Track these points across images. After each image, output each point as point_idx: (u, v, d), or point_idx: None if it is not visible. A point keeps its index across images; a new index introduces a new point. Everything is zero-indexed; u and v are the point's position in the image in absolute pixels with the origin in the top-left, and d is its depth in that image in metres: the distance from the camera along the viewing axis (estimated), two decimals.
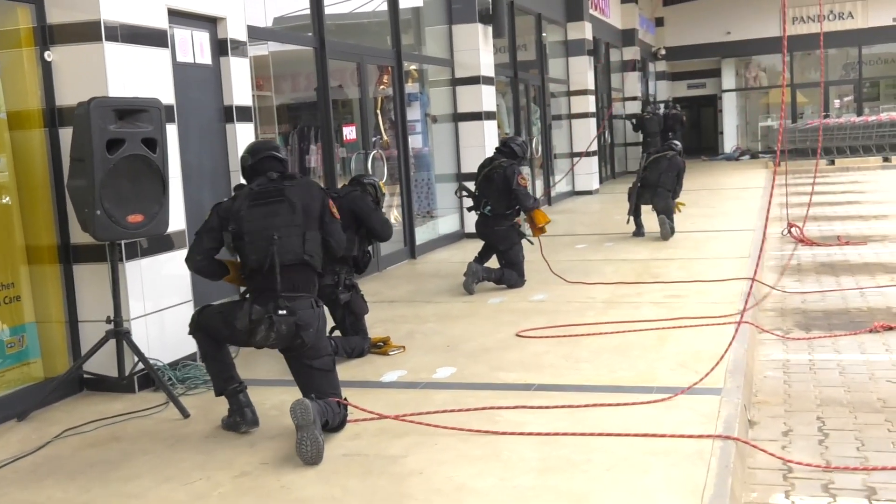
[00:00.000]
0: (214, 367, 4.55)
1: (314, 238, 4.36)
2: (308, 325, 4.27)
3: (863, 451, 4.16)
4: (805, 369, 5.52)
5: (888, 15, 26.63)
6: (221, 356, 4.55)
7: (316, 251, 4.37)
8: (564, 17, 17.46)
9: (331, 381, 4.42)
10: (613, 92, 21.86)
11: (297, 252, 4.28)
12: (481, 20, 11.74)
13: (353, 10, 10.27)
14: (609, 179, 21.01)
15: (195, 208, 5.93)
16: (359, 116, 9.53)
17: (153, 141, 4.92)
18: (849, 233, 11.12)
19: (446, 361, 5.62)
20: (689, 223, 11.60)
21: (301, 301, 4.29)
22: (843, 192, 16.53)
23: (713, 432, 4.06)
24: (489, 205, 7.89)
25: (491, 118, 12.08)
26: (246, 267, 4.35)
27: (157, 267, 5.47)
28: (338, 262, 5.63)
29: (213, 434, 4.53)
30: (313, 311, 4.34)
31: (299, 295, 4.29)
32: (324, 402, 4.20)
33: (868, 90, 28.69)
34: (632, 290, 7.55)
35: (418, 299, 7.77)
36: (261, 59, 7.74)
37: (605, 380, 5.04)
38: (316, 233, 4.38)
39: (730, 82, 29.34)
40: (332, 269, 5.60)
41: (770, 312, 6.98)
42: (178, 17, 5.81)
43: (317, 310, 4.38)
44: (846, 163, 22.55)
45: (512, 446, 4.07)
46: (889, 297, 7.35)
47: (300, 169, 9.04)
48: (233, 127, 6.32)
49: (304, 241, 4.29)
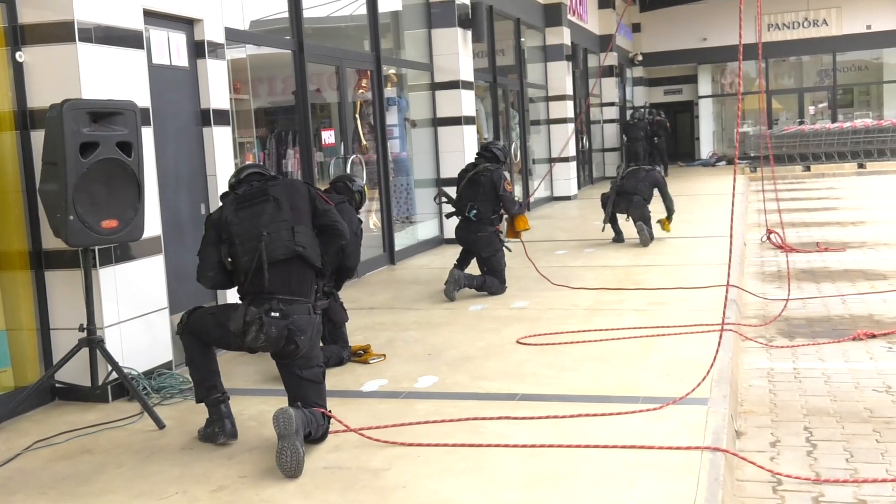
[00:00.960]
0: (198, 374, 4.42)
1: (305, 231, 4.28)
2: (301, 331, 4.18)
3: (852, 462, 4.11)
4: (790, 378, 5.48)
5: (862, 22, 26.88)
6: (207, 362, 4.42)
7: (309, 243, 4.28)
8: (543, 22, 17.44)
9: (319, 393, 4.31)
10: (591, 97, 21.88)
11: (287, 245, 4.19)
12: (461, 24, 11.67)
13: (332, 13, 10.16)
14: (587, 185, 21.02)
15: (172, 213, 5.81)
16: (337, 121, 9.42)
17: (128, 144, 4.80)
18: (827, 239, 11.15)
19: (428, 370, 5.52)
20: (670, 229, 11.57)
21: (297, 305, 4.21)
22: (820, 198, 16.62)
23: (701, 444, 3.99)
24: (475, 209, 7.80)
25: (470, 123, 12.01)
26: (239, 271, 4.26)
27: (132, 273, 5.33)
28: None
29: (190, 445, 4.41)
30: (309, 318, 4.25)
31: (296, 299, 4.21)
32: (308, 412, 4.12)
33: (842, 97, 28.94)
34: (614, 297, 7.49)
35: (398, 306, 7.67)
36: (238, 62, 7.62)
37: (589, 389, 4.97)
38: (306, 227, 4.30)
39: (706, 88, 29.49)
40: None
41: (753, 320, 6.94)
42: (154, 19, 5.68)
43: (313, 317, 4.29)
44: (821, 169, 22.70)
45: (496, 459, 3.98)
46: (870, 303, 7.34)
47: (278, 173, 8.92)
48: (210, 130, 6.20)
49: (294, 234, 4.22)
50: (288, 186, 4.38)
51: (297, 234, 4.23)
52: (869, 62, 28.70)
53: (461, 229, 7.97)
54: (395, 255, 10.27)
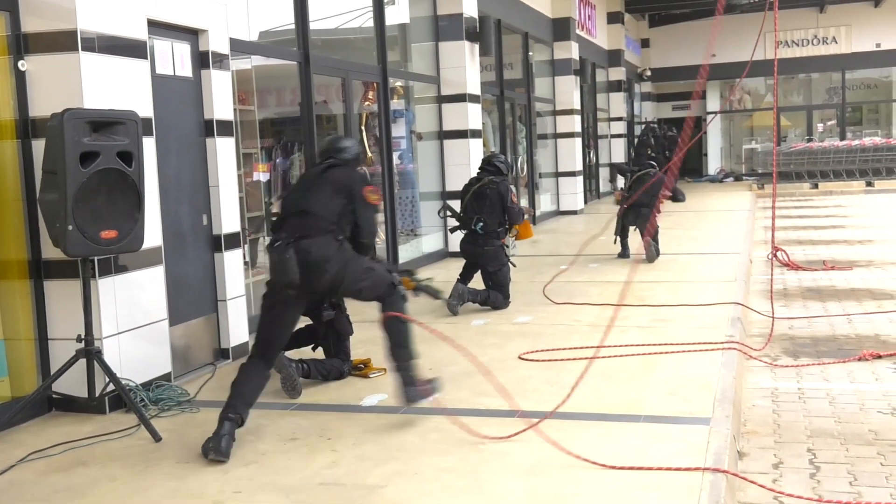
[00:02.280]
0: (232, 389, 4.54)
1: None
2: (325, 258, 4.56)
3: (856, 485, 4.04)
4: (794, 398, 5.41)
5: (871, 41, 26.85)
6: (247, 381, 4.57)
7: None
8: (551, 36, 17.44)
9: (378, 281, 4.83)
10: (599, 112, 21.87)
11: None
12: (468, 38, 11.66)
13: (339, 25, 10.17)
14: (593, 199, 20.97)
15: (173, 224, 5.78)
16: (343, 132, 9.40)
17: (129, 154, 4.77)
18: (834, 257, 11.07)
19: None
20: (675, 245, 11.54)
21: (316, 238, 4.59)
22: (828, 216, 16.53)
23: (703, 464, 3.93)
24: (481, 222, 7.76)
25: (477, 136, 11.99)
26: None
27: (131, 284, 5.30)
28: None
29: (186, 459, 4.36)
30: (330, 248, 4.60)
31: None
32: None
33: (851, 115, 28.88)
34: (618, 314, 7.41)
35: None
36: (244, 73, 7.61)
37: (591, 407, 4.90)
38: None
39: (714, 104, 29.45)
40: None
41: (757, 338, 6.87)
42: (159, 29, 5.67)
43: (336, 244, 4.64)
44: (829, 186, 22.63)
45: (496, 478, 3.92)
46: (877, 323, 7.27)
47: (283, 185, 8.90)
48: (213, 141, 6.17)
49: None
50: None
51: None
52: (878, 80, 28.66)
53: (467, 243, 7.91)
54: (399, 267, 10.22)
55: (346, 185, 4.82)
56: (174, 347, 5.72)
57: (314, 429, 4.72)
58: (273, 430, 4.74)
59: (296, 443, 4.52)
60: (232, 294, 6.32)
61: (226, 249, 6.25)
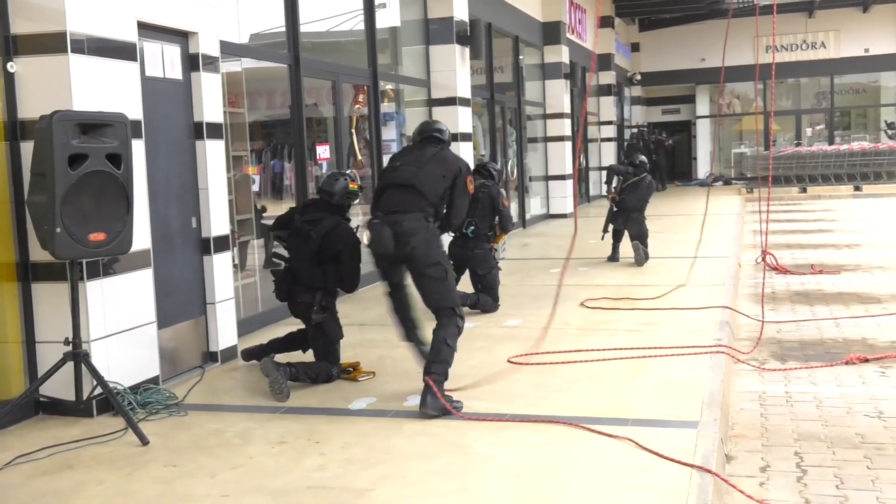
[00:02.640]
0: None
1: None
2: (412, 232, 5.00)
3: (842, 489, 4.07)
4: (782, 401, 5.44)
5: (860, 46, 26.99)
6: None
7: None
8: (542, 40, 17.47)
9: (444, 290, 5.11)
10: (589, 115, 21.92)
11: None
12: (459, 41, 11.67)
13: (329, 28, 10.16)
14: (584, 203, 21.01)
15: (162, 226, 5.77)
16: (333, 135, 9.40)
17: (118, 157, 4.76)
18: (822, 261, 11.13)
19: (417, 389, 5.42)
20: (664, 249, 11.57)
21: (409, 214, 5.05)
22: (816, 220, 16.61)
23: (690, 468, 3.94)
24: (473, 225, 7.80)
25: (467, 139, 11.99)
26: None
27: (119, 287, 5.28)
28: (315, 284, 5.68)
29: (173, 462, 4.35)
30: (419, 224, 5.02)
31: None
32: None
33: (839, 119, 29.02)
34: (607, 317, 7.45)
35: (390, 323, 7.57)
36: (234, 75, 7.60)
37: (579, 410, 4.91)
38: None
39: (704, 108, 29.54)
40: (309, 287, 5.65)
41: (745, 342, 6.90)
42: (149, 31, 5.66)
43: (425, 223, 5.06)
44: (818, 191, 22.73)
45: (484, 481, 3.93)
46: (864, 327, 7.31)
47: (272, 186, 8.89)
48: (203, 144, 6.16)
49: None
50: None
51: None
52: (866, 85, 28.80)
53: (457, 246, 7.94)
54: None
55: (453, 169, 5.29)
56: (162, 350, 5.70)
57: (302, 432, 4.72)
58: (261, 434, 4.73)
59: (284, 446, 4.51)
60: (221, 297, 6.31)
61: (215, 252, 6.24)
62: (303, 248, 5.69)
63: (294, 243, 5.78)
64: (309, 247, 5.65)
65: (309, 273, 5.69)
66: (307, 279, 5.69)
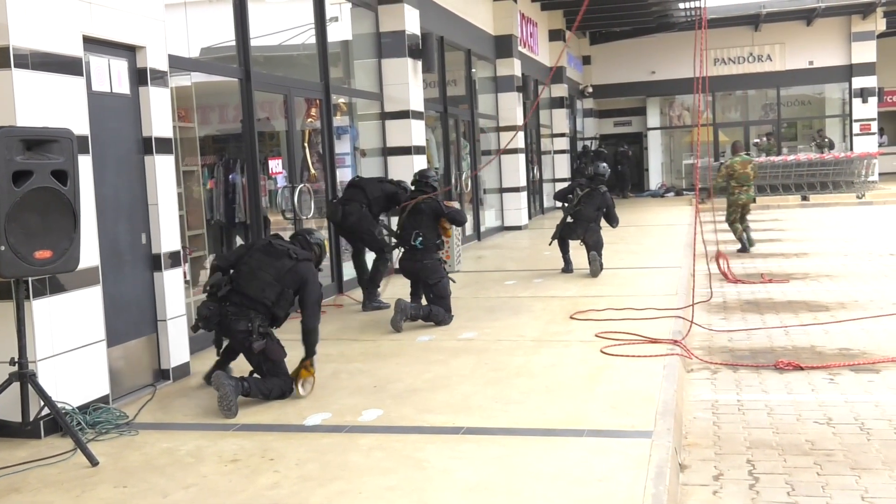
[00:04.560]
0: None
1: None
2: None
3: (793, 495, 4.12)
4: (734, 409, 5.50)
5: (804, 58, 27.57)
6: None
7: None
8: (494, 53, 17.57)
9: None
10: (542, 128, 22.08)
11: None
12: (411, 55, 11.70)
13: (281, 42, 10.11)
14: (538, 215, 21.13)
15: (110, 243, 5.68)
16: (286, 149, 9.34)
17: (64, 173, 4.67)
18: (771, 270, 11.31)
19: (373, 403, 5.44)
20: (618, 260, 11.67)
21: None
22: (765, 229, 16.88)
23: (645, 478, 3.97)
24: (420, 236, 7.88)
25: (420, 152, 12.01)
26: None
27: (67, 305, 5.18)
28: (253, 310, 5.54)
29: (124, 483, 4.27)
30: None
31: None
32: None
33: (786, 130, 29.58)
34: (562, 328, 7.49)
35: (345, 337, 7.58)
36: (184, 90, 7.52)
37: (535, 422, 4.92)
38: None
39: (654, 120, 29.94)
40: (246, 315, 5.53)
41: (698, 350, 6.98)
42: (95, 45, 5.57)
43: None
44: (766, 201, 23.11)
45: (440, 496, 3.91)
46: (812, 335, 7.43)
47: (225, 201, 8.79)
48: (151, 159, 6.08)
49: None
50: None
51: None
52: (812, 97, 29.40)
53: (406, 259, 8.02)
54: (344, 284, 10.18)
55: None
56: (112, 369, 5.60)
57: (256, 449, 4.66)
58: (214, 452, 4.66)
59: (237, 464, 4.45)
60: (172, 314, 6.22)
61: (165, 268, 6.16)
62: (270, 264, 5.63)
63: (258, 259, 5.69)
64: (281, 264, 5.62)
65: (259, 292, 5.57)
66: (254, 296, 5.56)
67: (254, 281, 5.60)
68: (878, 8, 25.54)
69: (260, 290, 5.58)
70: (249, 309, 5.54)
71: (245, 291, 5.58)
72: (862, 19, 26.70)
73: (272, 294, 5.58)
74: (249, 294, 5.57)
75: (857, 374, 6.12)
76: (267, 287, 5.58)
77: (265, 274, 5.61)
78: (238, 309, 5.54)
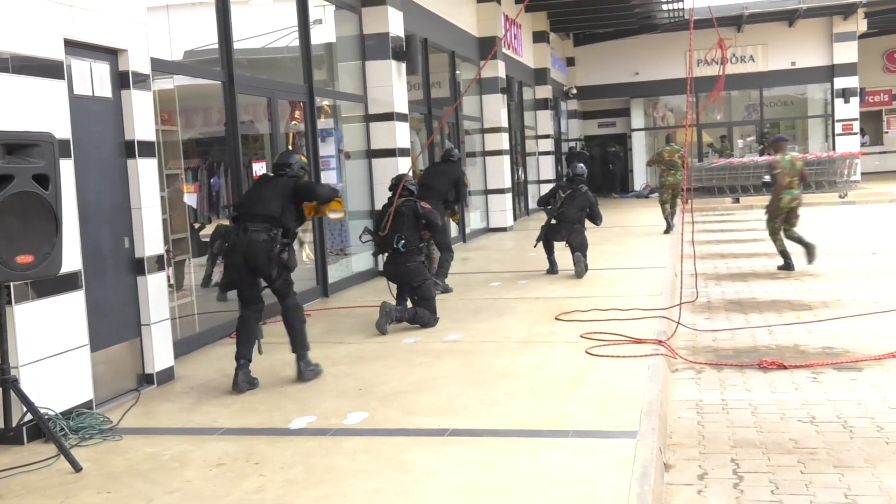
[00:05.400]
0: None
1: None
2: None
3: (777, 494, 4.14)
4: (718, 409, 5.52)
5: (787, 59, 27.73)
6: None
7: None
8: (478, 55, 17.59)
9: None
10: (527, 129, 22.12)
11: None
12: (395, 57, 11.69)
13: (264, 44, 10.09)
14: (523, 216, 21.15)
15: (93, 247, 5.65)
16: (270, 152, 9.32)
17: (45, 177, 4.63)
18: (755, 270, 11.36)
19: (358, 406, 5.43)
20: (603, 260, 11.70)
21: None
22: (749, 229, 16.98)
23: (630, 478, 3.98)
24: (403, 239, 7.88)
25: (405, 155, 12.00)
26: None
27: (49, 310, 5.15)
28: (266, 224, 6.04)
29: (107, 489, 4.25)
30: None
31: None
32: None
33: (769, 130, 29.73)
34: (547, 329, 7.50)
35: (330, 340, 7.57)
36: (167, 93, 7.50)
37: (521, 423, 4.93)
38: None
39: (639, 122, 30.03)
40: (263, 227, 6.02)
41: (682, 350, 7.00)
42: (76, 49, 5.55)
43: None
44: (750, 201, 23.22)
45: (426, 498, 3.91)
46: (796, 334, 7.47)
47: (209, 204, 8.76)
48: (134, 162, 6.06)
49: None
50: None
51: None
52: (794, 97, 29.58)
53: (390, 263, 8.06)
54: (329, 287, 10.16)
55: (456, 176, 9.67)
56: (96, 374, 5.57)
57: (241, 454, 4.64)
58: (199, 456, 4.64)
59: (222, 468, 4.44)
60: (156, 318, 6.20)
61: (149, 273, 6.13)
62: (268, 187, 6.24)
63: (256, 189, 6.33)
64: (276, 183, 6.23)
65: (266, 208, 6.08)
66: (262, 212, 6.05)
67: (259, 202, 6.14)
68: (859, 9, 25.73)
69: (266, 206, 6.10)
70: (263, 223, 6.02)
71: (254, 212, 6.09)
72: (843, 20, 26.87)
73: (277, 207, 6.08)
74: (258, 212, 6.07)
75: (840, 372, 6.16)
76: (272, 202, 6.11)
77: (267, 193, 6.18)
78: (257, 223, 6.02)
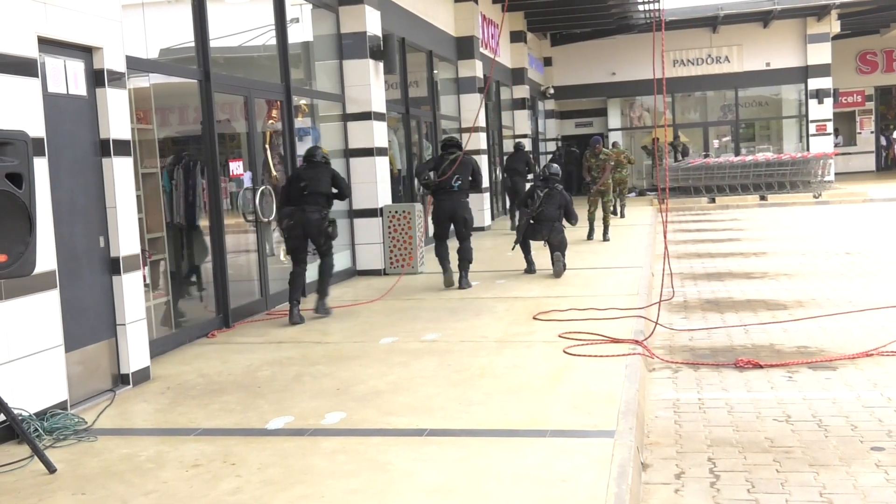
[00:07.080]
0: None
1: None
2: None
3: (753, 492, 4.17)
4: (695, 408, 5.55)
5: (761, 60, 27.98)
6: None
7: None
8: (456, 55, 17.60)
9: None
10: (504, 129, 22.15)
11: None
12: (372, 56, 11.67)
13: (241, 43, 10.03)
14: (501, 216, 21.18)
15: (67, 247, 5.59)
16: (247, 151, 9.27)
17: (18, 176, 4.57)
18: (731, 269, 11.44)
19: (336, 406, 5.42)
20: (580, 260, 11.74)
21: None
22: (724, 229, 17.10)
23: (608, 477, 3.99)
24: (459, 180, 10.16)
25: (383, 154, 11.98)
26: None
27: (23, 310, 5.09)
28: (321, 200, 8.45)
29: (82, 490, 4.20)
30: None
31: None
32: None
33: (744, 131, 29.98)
34: (525, 329, 7.51)
35: (307, 339, 7.54)
36: (142, 91, 7.43)
37: (498, 423, 4.93)
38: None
39: (616, 121, 30.18)
40: (317, 205, 8.39)
41: (659, 350, 7.04)
42: (50, 46, 5.49)
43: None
44: (726, 201, 23.41)
45: (404, 499, 3.90)
46: (771, 333, 7.53)
47: (185, 203, 8.69)
48: (109, 161, 6.00)
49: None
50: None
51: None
52: (769, 98, 29.84)
53: (446, 200, 10.07)
54: (306, 287, 10.11)
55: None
56: (70, 374, 5.52)
57: (217, 454, 4.61)
58: (175, 457, 4.61)
59: (198, 469, 4.41)
60: (131, 318, 6.15)
61: (124, 272, 6.08)
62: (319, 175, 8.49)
63: (311, 172, 8.50)
64: (323, 169, 8.55)
65: (325, 187, 8.44)
66: (322, 191, 8.41)
67: (319, 182, 8.41)
68: (832, 10, 25.99)
69: (324, 186, 8.45)
70: (318, 201, 8.39)
71: (316, 190, 8.38)
72: (817, 21, 27.15)
73: (327, 187, 8.45)
74: (319, 190, 8.40)
75: (814, 371, 6.22)
76: (323, 183, 8.44)
77: (322, 175, 8.47)
78: (311, 205, 8.34)
